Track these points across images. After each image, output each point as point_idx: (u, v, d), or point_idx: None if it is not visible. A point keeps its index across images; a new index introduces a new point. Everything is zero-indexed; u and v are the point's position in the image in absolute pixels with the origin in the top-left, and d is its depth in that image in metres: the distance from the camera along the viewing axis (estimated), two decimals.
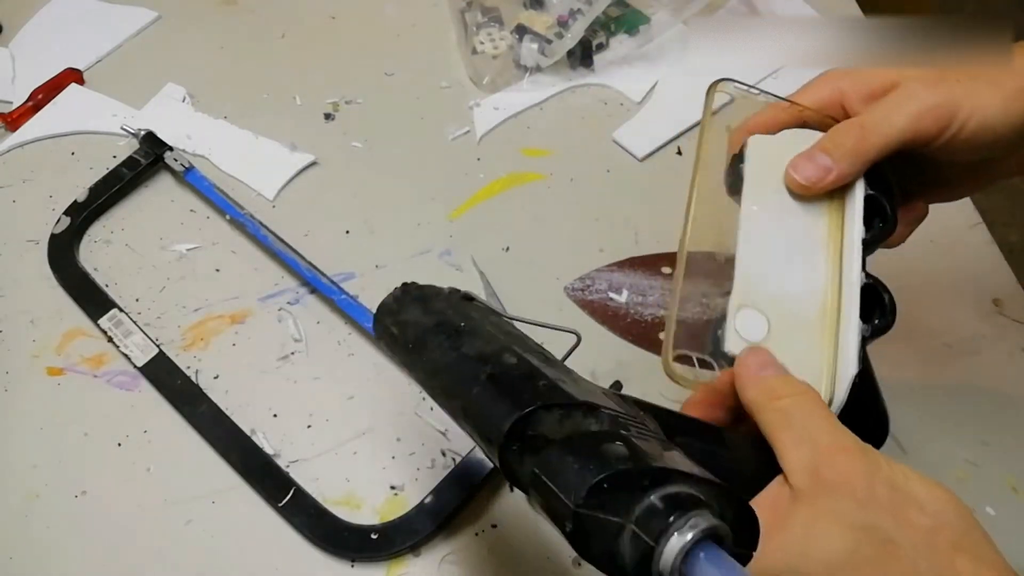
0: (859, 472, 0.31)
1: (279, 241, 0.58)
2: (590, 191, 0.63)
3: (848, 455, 0.31)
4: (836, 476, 0.31)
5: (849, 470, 0.31)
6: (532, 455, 0.27)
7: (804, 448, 0.32)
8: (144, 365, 0.54)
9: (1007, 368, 0.54)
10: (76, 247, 0.60)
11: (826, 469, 0.31)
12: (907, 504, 0.30)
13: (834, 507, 0.30)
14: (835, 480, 0.30)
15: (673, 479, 0.25)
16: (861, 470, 0.31)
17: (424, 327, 0.36)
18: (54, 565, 0.48)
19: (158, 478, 0.50)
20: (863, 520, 0.30)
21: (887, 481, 0.31)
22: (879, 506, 0.30)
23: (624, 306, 0.57)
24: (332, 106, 0.68)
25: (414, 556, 0.48)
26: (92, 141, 0.66)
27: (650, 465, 0.25)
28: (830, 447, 0.31)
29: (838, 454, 0.31)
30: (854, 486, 0.30)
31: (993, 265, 0.59)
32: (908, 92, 0.37)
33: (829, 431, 0.32)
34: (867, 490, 0.30)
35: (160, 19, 0.74)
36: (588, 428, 0.28)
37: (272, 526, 0.49)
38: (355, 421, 0.52)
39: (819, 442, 0.31)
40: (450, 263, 0.59)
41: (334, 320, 0.56)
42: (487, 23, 0.70)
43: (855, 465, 0.31)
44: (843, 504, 0.30)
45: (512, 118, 0.67)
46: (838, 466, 0.31)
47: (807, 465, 0.31)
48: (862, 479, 0.30)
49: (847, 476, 0.31)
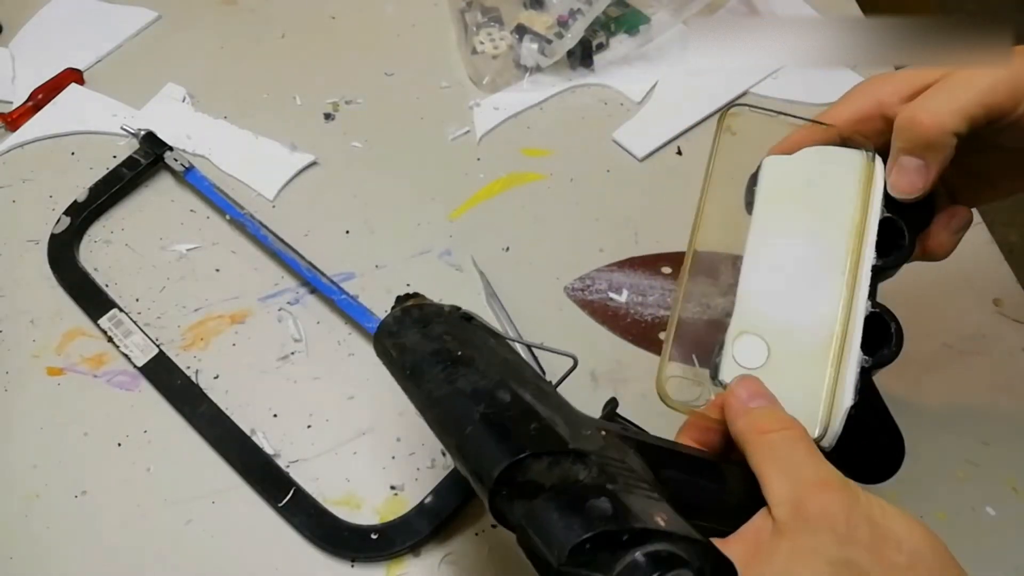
0: (839, 508, 0.31)
1: (279, 241, 0.58)
2: (590, 191, 0.63)
3: (829, 490, 0.32)
4: (817, 511, 0.31)
5: (830, 506, 0.31)
6: (521, 501, 0.29)
7: (787, 482, 0.32)
8: (144, 365, 0.54)
9: (1007, 368, 0.54)
10: (76, 247, 0.60)
11: (807, 503, 0.31)
12: (885, 541, 0.31)
13: (814, 542, 0.31)
14: (816, 515, 0.31)
15: (654, 538, 0.26)
16: (841, 506, 0.31)
17: (421, 355, 0.36)
18: (54, 565, 0.48)
19: (158, 478, 0.50)
20: (842, 556, 0.30)
21: (866, 518, 0.31)
22: (857, 542, 0.30)
23: (624, 306, 0.57)
24: (332, 106, 0.68)
25: (414, 556, 0.48)
26: (92, 141, 0.66)
27: (632, 526, 0.26)
28: (812, 482, 0.32)
29: (819, 489, 0.32)
30: (834, 521, 0.31)
31: (993, 265, 0.59)
32: (967, 75, 0.35)
33: (812, 466, 0.32)
34: (846, 526, 0.31)
35: (160, 19, 0.74)
36: (576, 476, 0.29)
37: (272, 526, 0.49)
38: (355, 421, 0.52)
39: (801, 477, 0.32)
40: (450, 263, 0.59)
41: (334, 320, 0.57)
42: (487, 23, 0.70)
43: (836, 500, 0.31)
44: (823, 539, 0.31)
45: (512, 118, 0.67)
46: (819, 501, 0.31)
47: (788, 498, 0.32)
48: (842, 515, 0.31)
49: (828, 511, 0.31)
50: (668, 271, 0.58)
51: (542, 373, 0.53)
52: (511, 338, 0.38)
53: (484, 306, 0.57)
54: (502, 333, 0.39)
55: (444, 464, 0.51)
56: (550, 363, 0.54)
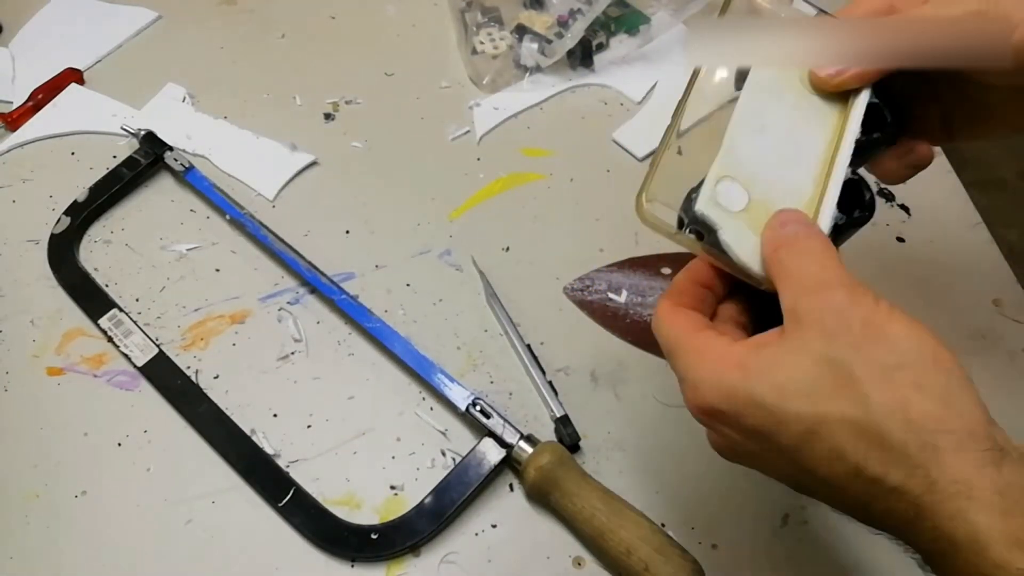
0: (831, 307, 0.31)
1: (279, 241, 0.58)
2: (590, 191, 0.63)
3: (825, 291, 0.32)
4: (811, 312, 0.32)
5: (824, 306, 0.32)
6: None
7: (790, 292, 0.33)
8: (144, 365, 0.54)
9: (1007, 368, 0.54)
10: (76, 247, 0.60)
11: (803, 306, 0.32)
12: (877, 341, 0.31)
13: (801, 340, 0.31)
14: (807, 314, 0.32)
15: None
16: (834, 305, 0.31)
17: None
18: (54, 565, 0.48)
19: (158, 478, 0.50)
20: (827, 353, 0.31)
21: (863, 318, 0.31)
22: (846, 341, 0.31)
23: (624, 307, 0.57)
24: (332, 106, 0.68)
25: (414, 556, 0.48)
26: (92, 141, 0.66)
27: None
28: (812, 286, 0.32)
29: (818, 291, 0.32)
30: (824, 320, 0.31)
31: (993, 265, 0.59)
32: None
33: (816, 271, 0.33)
34: (837, 324, 0.31)
35: (160, 19, 0.74)
36: None
37: (272, 526, 0.49)
38: (355, 421, 0.52)
39: (802, 282, 0.33)
40: (450, 263, 0.59)
41: (334, 320, 0.57)
42: (487, 23, 0.70)
43: (830, 300, 0.32)
44: (809, 336, 0.31)
45: (512, 118, 0.67)
46: (813, 302, 0.32)
47: (790, 305, 0.33)
48: (833, 314, 0.31)
49: (820, 310, 0.31)
50: (668, 272, 0.58)
51: (542, 373, 0.53)
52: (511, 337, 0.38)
53: (484, 306, 0.57)
54: None
55: (444, 464, 0.51)
56: (550, 363, 0.54)
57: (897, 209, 0.61)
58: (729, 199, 0.37)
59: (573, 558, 0.47)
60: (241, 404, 0.53)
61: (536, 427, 0.51)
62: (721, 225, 0.36)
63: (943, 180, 0.63)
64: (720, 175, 0.37)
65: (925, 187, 0.62)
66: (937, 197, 0.62)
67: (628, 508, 0.46)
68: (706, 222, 0.36)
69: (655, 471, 0.50)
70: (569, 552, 0.48)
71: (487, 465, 0.49)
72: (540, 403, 0.53)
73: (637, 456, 0.51)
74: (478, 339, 0.55)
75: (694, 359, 0.34)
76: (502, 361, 0.54)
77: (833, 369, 0.31)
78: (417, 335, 0.55)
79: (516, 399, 0.53)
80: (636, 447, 0.51)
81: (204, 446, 0.51)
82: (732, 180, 0.37)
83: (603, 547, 0.45)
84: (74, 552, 0.48)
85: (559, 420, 0.51)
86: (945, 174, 0.63)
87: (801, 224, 0.35)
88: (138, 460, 0.51)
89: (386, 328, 0.55)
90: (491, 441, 0.49)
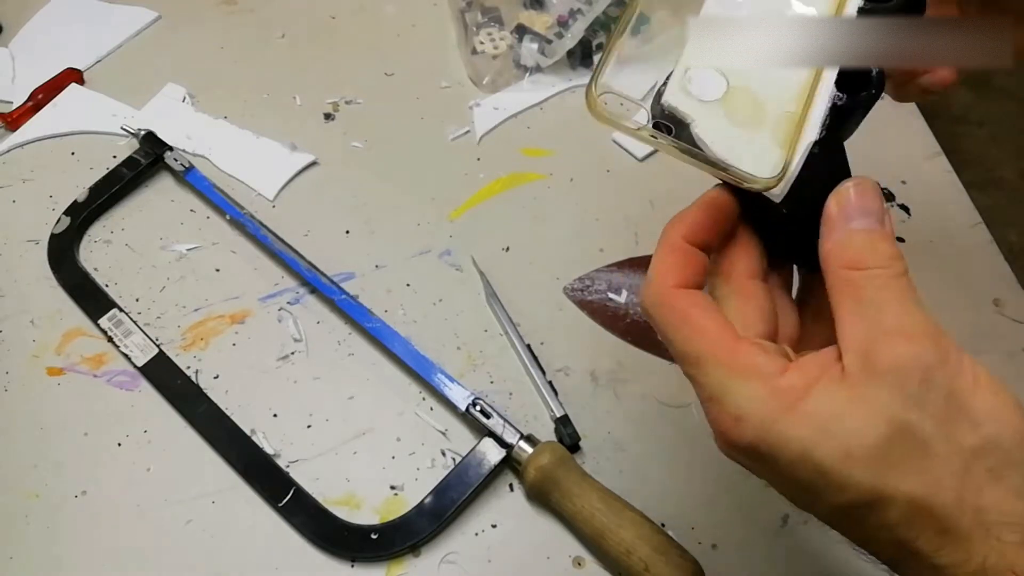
0: (916, 364, 0.27)
1: (279, 241, 0.58)
2: (590, 191, 0.63)
3: (909, 342, 0.28)
4: (889, 364, 0.27)
5: (906, 361, 0.27)
6: None
7: (862, 328, 0.28)
8: (144, 365, 0.54)
9: (1007, 368, 0.54)
10: (76, 247, 0.60)
11: (880, 354, 0.28)
12: (959, 417, 0.27)
13: (877, 396, 0.27)
14: (886, 368, 0.27)
15: None
16: (919, 362, 0.27)
17: None
18: (54, 565, 0.48)
19: (158, 478, 0.50)
20: (904, 418, 0.27)
21: (946, 385, 0.27)
22: (925, 409, 0.27)
23: (623, 307, 0.57)
24: (332, 106, 0.68)
25: (414, 556, 0.48)
26: (92, 141, 0.66)
27: None
28: (891, 330, 0.28)
29: (897, 339, 0.28)
30: (906, 380, 0.27)
31: (993, 265, 0.59)
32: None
33: (897, 312, 0.28)
34: (919, 388, 0.27)
35: (160, 19, 0.74)
36: None
37: (272, 526, 0.49)
38: (355, 421, 0.52)
39: (882, 322, 0.28)
40: (450, 263, 0.59)
41: (334, 320, 0.57)
42: (487, 23, 0.70)
43: (914, 355, 0.27)
44: (888, 396, 0.27)
45: (512, 118, 0.67)
46: (894, 353, 0.28)
47: (861, 345, 0.28)
48: (917, 373, 0.27)
49: (901, 366, 0.27)
50: None
51: (542, 373, 0.53)
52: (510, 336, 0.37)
53: (484, 306, 0.57)
54: None
55: (444, 464, 0.51)
56: (550, 363, 0.54)
57: (897, 209, 0.61)
58: (703, 87, 0.32)
59: (573, 558, 0.47)
60: (241, 404, 0.53)
61: (536, 427, 0.51)
62: (694, 117, 0.31)
63: (943, 180, 0.63)
64: (693, 61, 0.32)
65: (925, 187, 0.62)
66: (937, 197, 0.62)
67: (628, 508, 0.46)
68: (675, 115, 0.31)
69: (655, 471, 0.50)
70: (569, 552, 0.48)
71: (487, 465, 0.49)
72: (540, 403, 0.53)
73: (637, 456, 0.51)
74: (478, 339, 0.55)
75: (737, 385, 0.29)
76: (502, 361, 0.54)
77: (906, 438, 0.27)
78: (417, 335, 0.55)
79: (516, 399, 0.53)
80: (636, 447, 0.51)
81: (204, 446, 0.51)
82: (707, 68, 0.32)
83: (603, 547, 0.45)
84: (74, 552, 0.48)
85: (559, 420, 0.51)
86: (945, 174, 0.63)
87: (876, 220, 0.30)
88: (138, 460, 0.51)
89: (386, 328, 0.55)
90: (491, 441, 0.49)
